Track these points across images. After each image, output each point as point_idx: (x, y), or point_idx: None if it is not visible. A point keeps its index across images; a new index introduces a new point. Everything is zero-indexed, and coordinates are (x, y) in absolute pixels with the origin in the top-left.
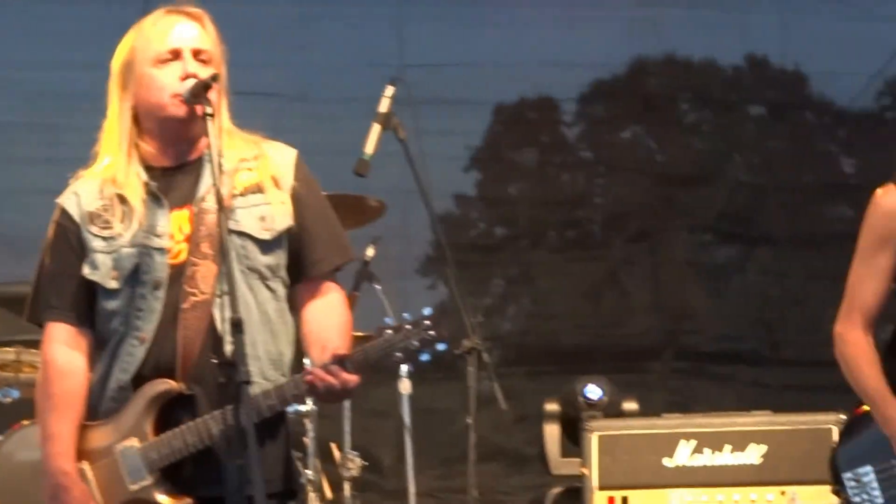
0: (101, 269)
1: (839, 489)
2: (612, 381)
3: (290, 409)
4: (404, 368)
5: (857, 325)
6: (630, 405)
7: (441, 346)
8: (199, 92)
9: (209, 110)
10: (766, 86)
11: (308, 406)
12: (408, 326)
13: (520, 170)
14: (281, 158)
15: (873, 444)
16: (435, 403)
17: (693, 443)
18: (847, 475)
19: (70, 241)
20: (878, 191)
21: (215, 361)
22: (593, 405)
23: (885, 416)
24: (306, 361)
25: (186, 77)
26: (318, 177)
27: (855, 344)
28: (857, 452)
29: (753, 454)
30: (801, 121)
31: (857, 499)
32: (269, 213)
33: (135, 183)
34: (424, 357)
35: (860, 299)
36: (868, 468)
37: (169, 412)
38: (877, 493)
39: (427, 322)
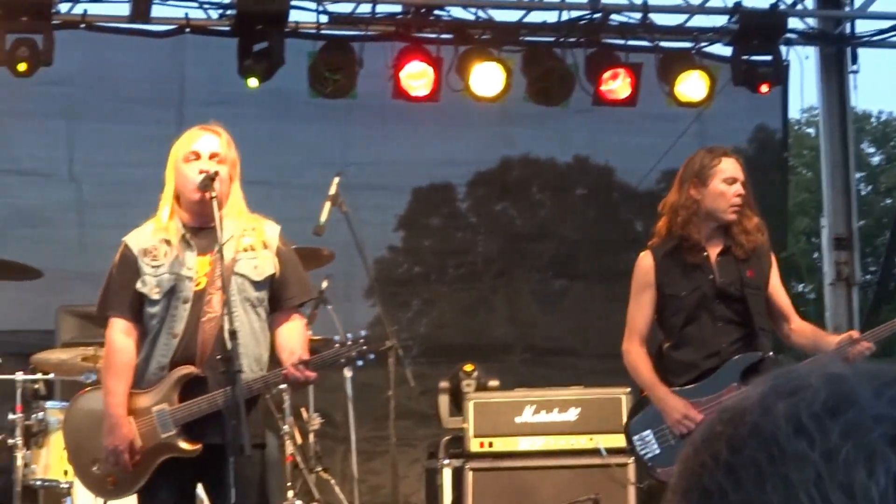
0: (148, 285)
1: (631, 447)
2: (482, 367)
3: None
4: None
5: (635, 342)
6: (493, 383)
7: (371, 357)
8: (207, 182)
9: (214, 194)
10: (586, 176)
11: (284, 386)
12: (349, 343)
13: (430, 230)
14: (270, 230)
15: (651, 416)
16: (369, 381)
17: (534, 406)
18: (636, 438)
19: (129, 264)
20: (642, 253)
21: (219, 357)
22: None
23: (657, 396)
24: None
25: (200, 172)
26: (292, 237)
27: (636, 354)
28: (641, 422)
29: (572, 414)
30: (610, 198)
31: (642, 452)
32: (261, 264)
33: (175, 233)
34: (360, 364)
35: (635, 326)
36: (648, 432)
37: (189, 387)
38: (655, 446)
39: (362, 341)
